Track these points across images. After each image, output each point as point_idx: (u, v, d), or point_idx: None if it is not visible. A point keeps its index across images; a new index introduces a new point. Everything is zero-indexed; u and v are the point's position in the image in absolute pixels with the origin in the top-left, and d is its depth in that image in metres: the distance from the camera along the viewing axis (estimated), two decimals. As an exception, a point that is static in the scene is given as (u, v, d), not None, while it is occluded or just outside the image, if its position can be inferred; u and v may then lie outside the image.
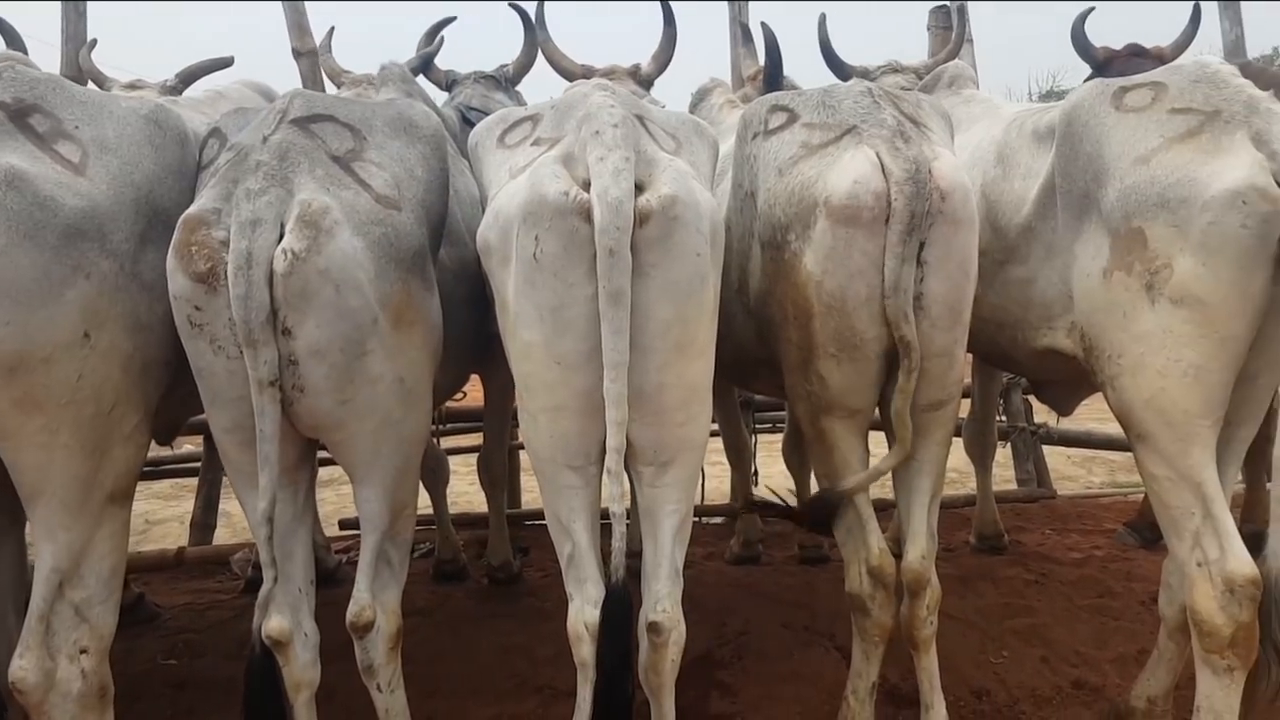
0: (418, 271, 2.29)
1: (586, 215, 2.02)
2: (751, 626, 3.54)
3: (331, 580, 3.93)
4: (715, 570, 4.11)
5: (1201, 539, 2.36)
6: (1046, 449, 5.46)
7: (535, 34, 4.11)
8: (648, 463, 2.24)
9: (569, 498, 2.24)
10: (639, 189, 2.08)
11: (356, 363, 2.14)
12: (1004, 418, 4.92)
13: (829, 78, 4.37)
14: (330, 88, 4.23)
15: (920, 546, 2.55)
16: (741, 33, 4.94)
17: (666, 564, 2.26)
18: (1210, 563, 2.34)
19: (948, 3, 4.95)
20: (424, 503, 4.22)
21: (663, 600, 2.24)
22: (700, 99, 4.07)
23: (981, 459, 4.18)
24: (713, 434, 4.45)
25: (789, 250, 2.38)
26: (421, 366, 2.32)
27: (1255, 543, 4.09)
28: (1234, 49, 4.93)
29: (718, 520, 4.88)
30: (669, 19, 4.04)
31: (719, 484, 5.24)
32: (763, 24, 4.24)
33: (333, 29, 4.31)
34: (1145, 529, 4.25)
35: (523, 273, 2.09)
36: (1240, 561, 2.29)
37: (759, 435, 4.93)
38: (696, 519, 4.91)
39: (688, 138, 2.43)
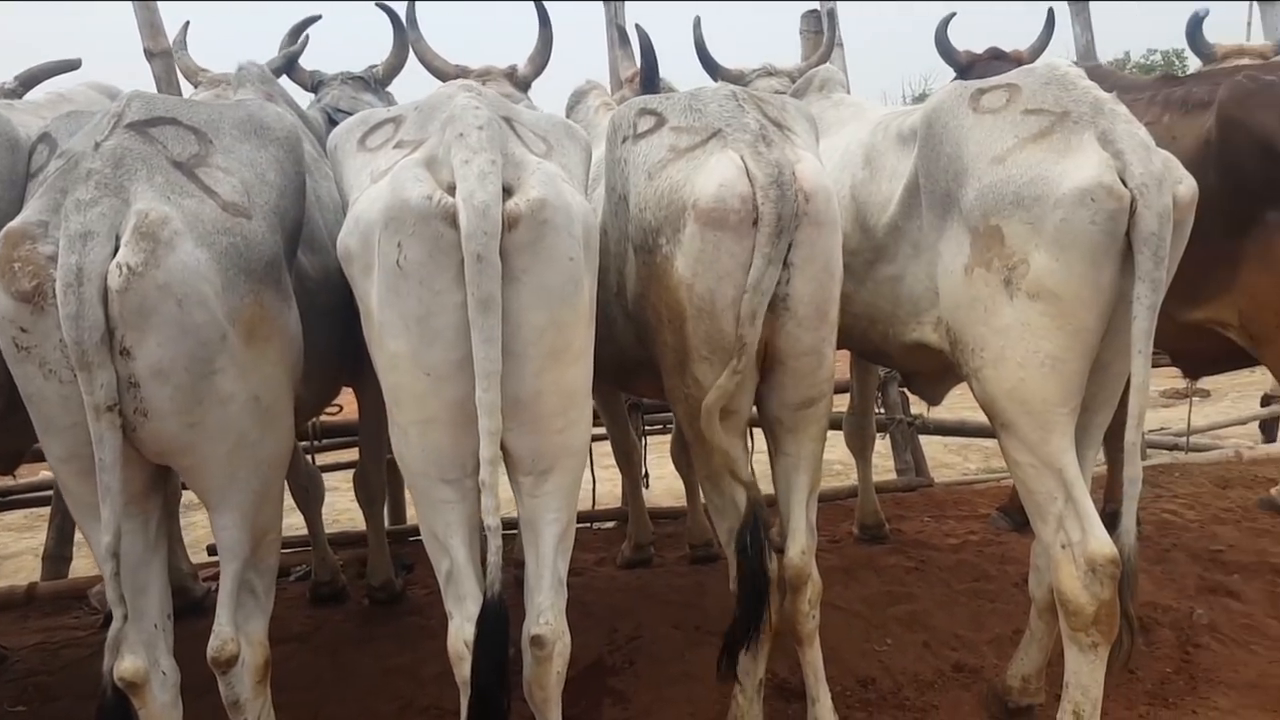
0: (272, 282, 2.17)
1: (452, 220, 1.96)
2: (644, 630, 3.53)
3: (200, 610, 3.72)
4: (607, 576, 4.08)
5: (1065, 522, 2.46)
6: (924, 438, 5.64)
7: (405, 33, 3.99)
8: (526, 472, 2.19)
9: (444, 512, 2.17)
10: (507, 192, 2.03)
11: (205, 382, 2.01)
12: (882, 410, 5.05)
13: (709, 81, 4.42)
14: (188, 89, 4.02)
15: (800, 542, 2.58)
16: (618, 35, 4.94)
17: (549, 574, 2.21)
18: (1073, 544, 2.43)
19: (819, 6, 5.05)
20: (300, 523, 4.07)
21: (546, 612, 2.19)
22: (577, 101, 4.03)
23: (861, 451, 4.28)
24: (602, 438, 4.44)
25: (660, 254, 2.36)
26: (279, 383, 2.21)
27: (1116, 521, 4.33)
28: (1085, 52, 5.20)
29: (609, 525, 4.85)
30: (544, 20, 3.98)
31: (611, 488, 5.20)
32: (637, 26, 4.24)
33: (187, 24, 4.09)
34: (1016, 513, 4.43)
35: (386, 281, 2.00)
36: (1100, 542, 2.39)
37: (649, 437, 4.93)
38: (587, 524, 4.91)
39: (559, 140, 2.39)
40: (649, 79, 4.02)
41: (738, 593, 2.46)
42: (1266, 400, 6.69)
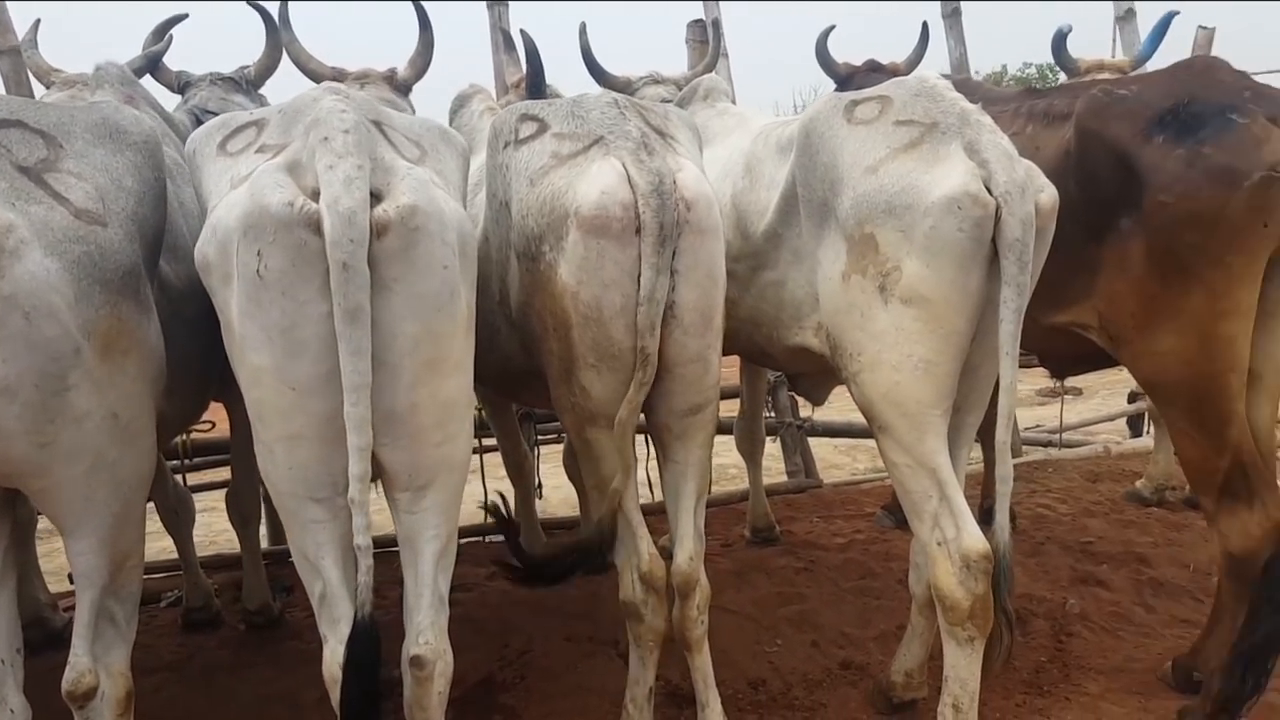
0: (130, 293, 2.05)
1: (315, 227, 1.88)
2: (535, 643, 3.48)
3: (60, 643, 3.49)
4: (499, 590, 4.01)
5: (940, 520, 2.53)
6: (814, 440, 5.75)
7: (279, 34, 3.85)
8: (403, 488, 2.12)
9: (315, 533, 2.08)
10: (376, 198, 1.97)
11: (56, 400, 1.89)
12: (772, 414, 5.13)
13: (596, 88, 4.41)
14: (40, 90, 3.78)
15: (688, 548, 2.58)
16: (503, 39, 4.89)
17: (429, 593, 2.14)
18: (948, 541, 2.51)
19: (704, 16, 5.11)
20: (172, 546, 3.87)
21: (425, 631, 2.13)
22: (460, 105, 3.96)
23: (752, 455, 4.33)
24: (494, 449, 4.37)
25: (544, 261, 2.34)
26: (139, 399, 2.09)
27: (990, 517, 4.49)
28: (959, 65, 5.41)
29: (500, 538, 4.77)
30: (424, 23, 3.90)
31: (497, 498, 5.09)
32: (522, 31, 4.19)
33: (38, 21, 3.85)
34: (899, 511, 4.55)
35: (246, 291, 1.91)
36: (974, 539, 2.47)
37: (543, 446, 4.87)
38: (479, 538, 4.82)
39: (433, 145, 2.33)
40: (534, 84, 3.98)
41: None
42: (1133, 397, 7.08)
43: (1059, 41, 4.79)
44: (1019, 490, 4.95)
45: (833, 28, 4.63)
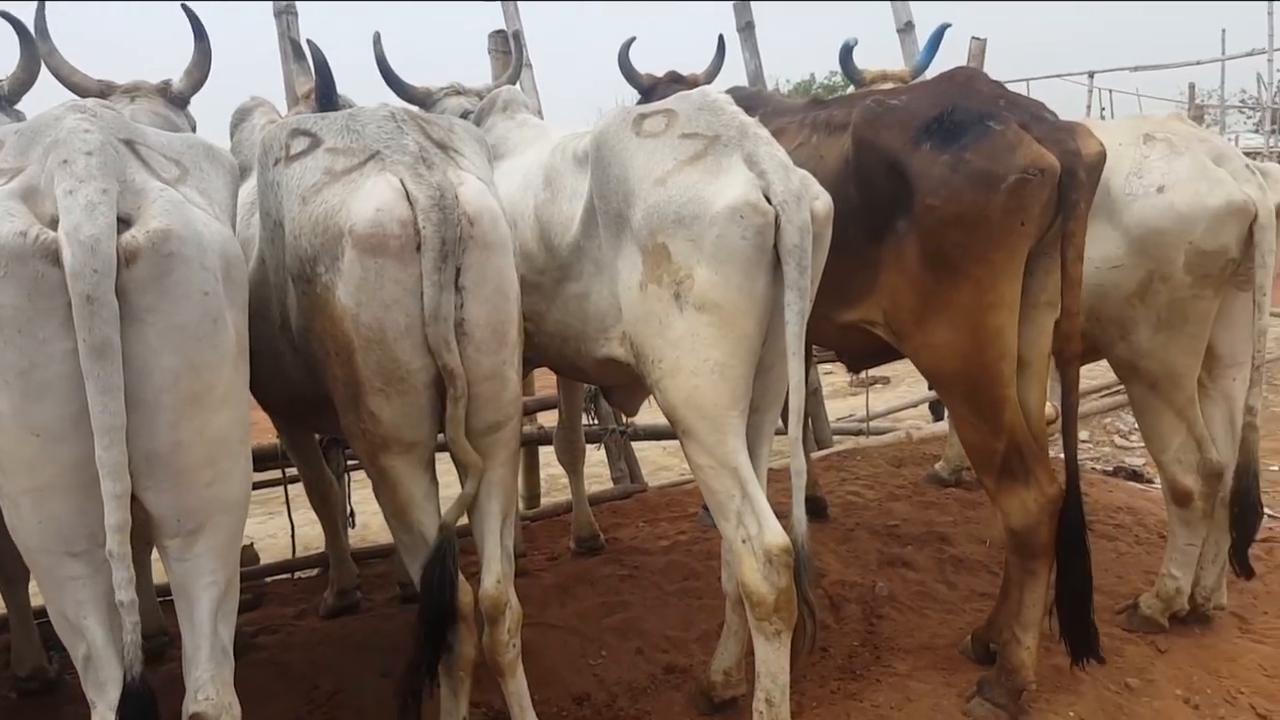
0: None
1: (54, 258, 1.73)
2: (346, 683, 3.32)
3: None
4: (307, 629, 3.81)
5: (743, 518, 2.60)
6: (640, 444, 5.81)
7: (34, 45, 3.52)
8: (171, 534, 1.97)
9: (74, 591, 1.90)
10: (125, 224, 1.82)
11: None
12: (595, 421, 5.14)
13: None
14: None
15: (495, 572, 2.53)
16: (292, 49, 4.67)
17: (207, 644, 2.00)
18: (752, 538, 2.57)
19: (504, 26, 5.06)
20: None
21: (206, 686, 1.98)
22: (241, 119, 3.75)
23: (572, 465, 4.32)
24: (295, 479, 4.16)
25: (320, 283, 2.23)
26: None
27: (808, 506, 4.66)
28: (755, 77, 5.61)
29: (311, 573, 4.56)
30: (199, 33, 3.67)
31: (310, 529, 4.87)
32: (309, 41, 4.02)
33: None
34: (720, 509, 4.67)
35: (-28, 331, 1.72)
36: (774, 534, 2.55)
37: (353, 472, 4.68)
38: (287, 574, 4.58)
39: (196, 163, 2.18)
40: (324, 96, 3.82)
41: (417, 632, 2.37)
42: (934, 384, 7.54)
43: (845, 54, 5.04)
44: (831, 479, 5.18)
45: (633, 40, 4.69)
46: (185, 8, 3.56)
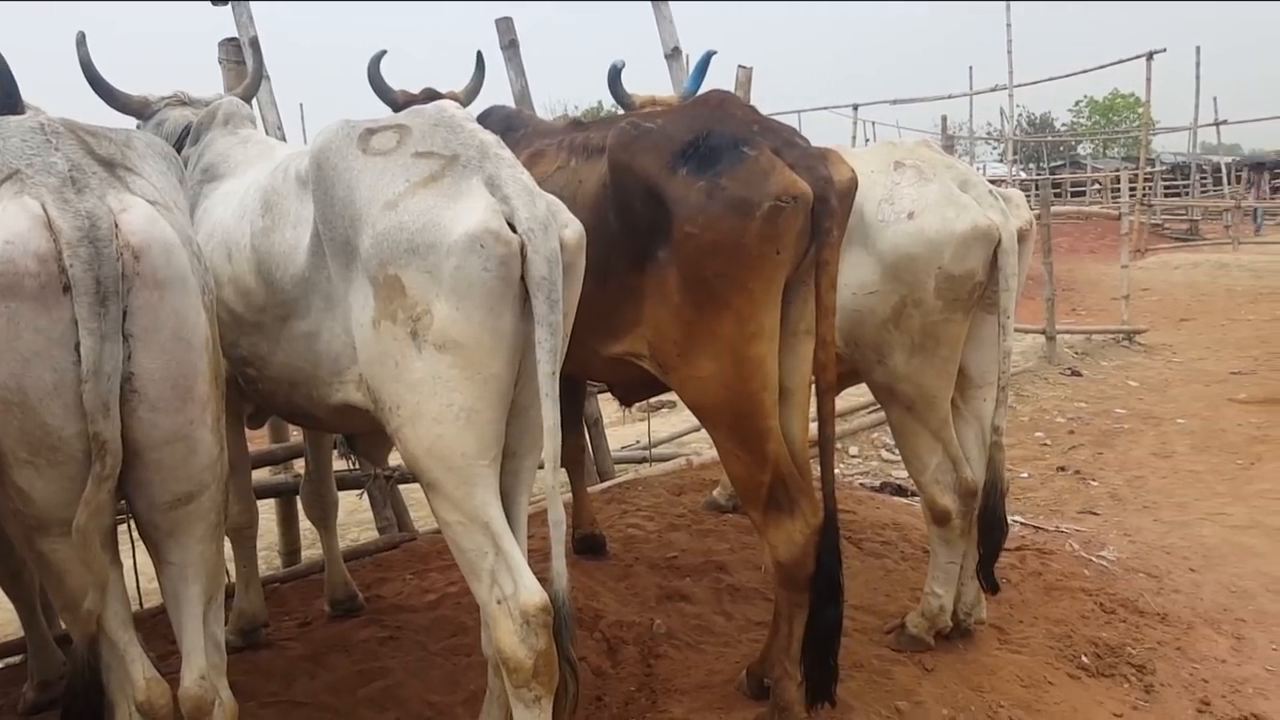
0: None
1: None
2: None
3: None
4: (2, 728, 3.20)
5: (498, 577, 2.38)
6: (408, 487, 5.42)
7: None
8: None
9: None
10: None
11: None
12: (356, 467, 4.73)
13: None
14: None
15: (198, 665, 2.15)
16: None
17: None
18: (507, 599, 2.36)
19: (237, 34, 4.58)
20: None
21: None
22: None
23: (323, 520, 3.91)
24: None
25: (-56, 331, 1.79)
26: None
27: (582, 544, 4.48)
28: (521, 96, 5.41)
29: (14, 660, 3.85)
30: None
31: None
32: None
33: None
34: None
35: None
36: (531, 592, 2.34)
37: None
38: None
39: None
40: (6, 108, 3.26)
41: None
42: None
43: (614, 76, 4.95)
44: (611, 513, 5.03)
45: (384, 53, 4.37)
46: None
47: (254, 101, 4.19)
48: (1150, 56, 22.10)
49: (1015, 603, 4.11)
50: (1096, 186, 29.89)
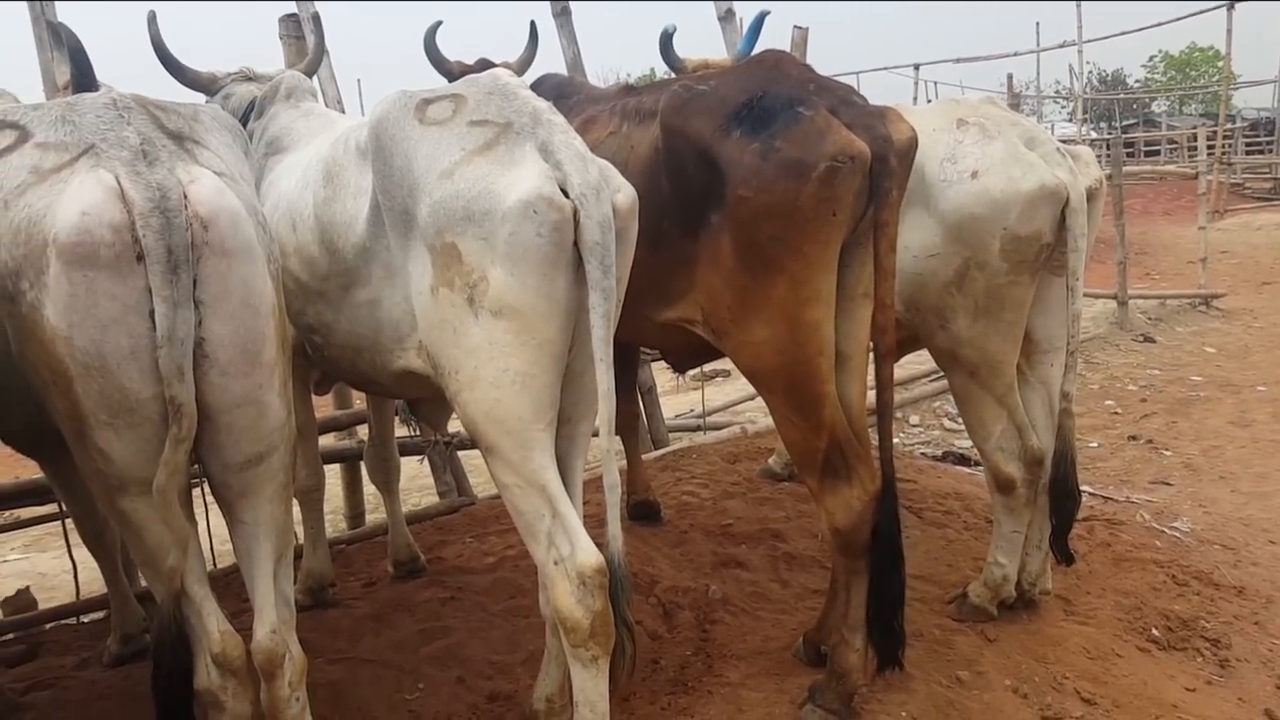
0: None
1: None
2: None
3: None
4: (87, 681, 3.36)
5: (555, 539, 2.42)
6: (471, 452, 5.51)
7: None
8: None
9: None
10: None
11: None
12: (416, 432, 4.83)
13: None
14: None
15: (269, 620, 2.23)
16: (50, 34, 4.15)
17: None
18: (564, 560, 2.39)
19: (296, 9, 4.65)
20: None
21: None
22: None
23: (386, 484, 4.01)
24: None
25: (25, 302, 1.90)
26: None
27: (637, 510, 4.50)
28: (574, 63, 5.40)
29: (99, 615, 4.05)
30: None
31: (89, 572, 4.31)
32: (62, 25, 3.56)
33: None
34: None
35: None
36: (587, 553, 2.37)
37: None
38: (71, 619, 4.07)
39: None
40: (82, 87, 3.37)
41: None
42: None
43: (665, 41, 4.90)
44: (666, 480, 5.05)
45: (440, 23, 4.39)
46: None
47: (314, 76, 4.27)
48: (1231, 5, 20.95)
49: (1083, 574, 4.02)
50: (1172, 146, 28.76)
